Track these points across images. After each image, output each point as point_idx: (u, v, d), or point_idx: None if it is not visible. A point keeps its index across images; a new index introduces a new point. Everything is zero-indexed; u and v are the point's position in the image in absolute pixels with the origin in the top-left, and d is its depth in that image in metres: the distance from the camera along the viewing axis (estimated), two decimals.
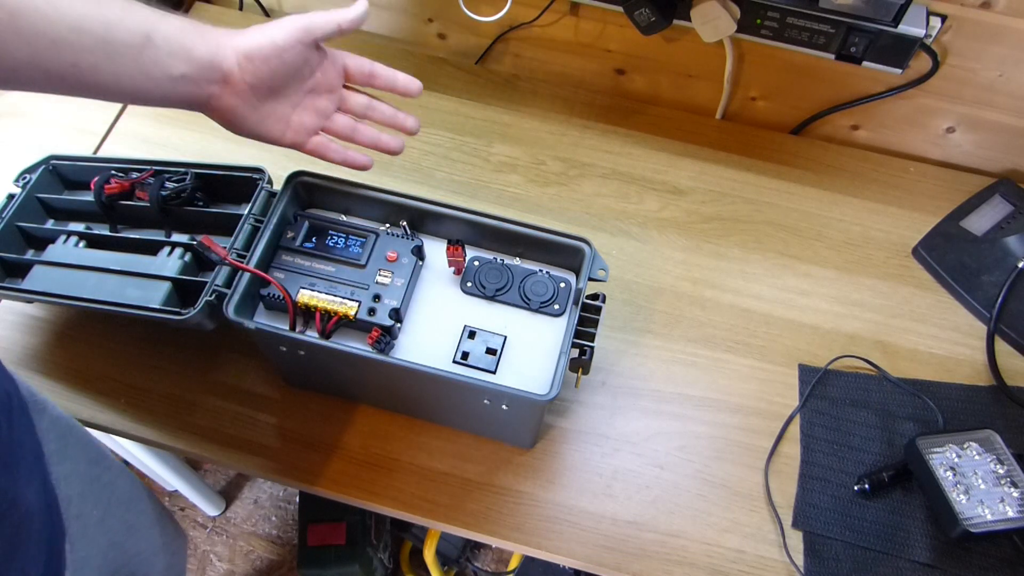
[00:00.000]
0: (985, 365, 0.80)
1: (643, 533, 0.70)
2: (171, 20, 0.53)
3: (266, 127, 0.61)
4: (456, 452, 0.73)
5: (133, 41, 0.51)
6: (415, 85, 0.65)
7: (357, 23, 0.61)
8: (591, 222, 0.88)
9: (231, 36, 0.56)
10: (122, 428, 0.74)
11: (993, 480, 0.67)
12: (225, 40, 0.55)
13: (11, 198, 0.75)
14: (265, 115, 0.60)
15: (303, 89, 0.61)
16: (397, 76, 0.64)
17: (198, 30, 0.54)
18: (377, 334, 0.62)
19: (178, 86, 0.54)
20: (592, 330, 0.63)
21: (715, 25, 0.81)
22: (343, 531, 1.13)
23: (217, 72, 0.56)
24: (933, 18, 0.79)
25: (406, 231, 0.68)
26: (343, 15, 0.59)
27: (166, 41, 0.52)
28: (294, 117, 0.62)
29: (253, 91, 0.58)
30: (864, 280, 0.85)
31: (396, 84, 0.64)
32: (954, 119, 0.91)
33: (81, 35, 0.48)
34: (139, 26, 0.51)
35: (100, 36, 0.49)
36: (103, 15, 0.49)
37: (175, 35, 0.53)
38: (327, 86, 0.63)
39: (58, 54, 0.48)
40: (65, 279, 0.70)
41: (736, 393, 0.77)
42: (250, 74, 0.56)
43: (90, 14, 0.48)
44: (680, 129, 0.96)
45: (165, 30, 0.52)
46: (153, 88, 0.54)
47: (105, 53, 0.50)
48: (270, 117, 0.61)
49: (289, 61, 0.57)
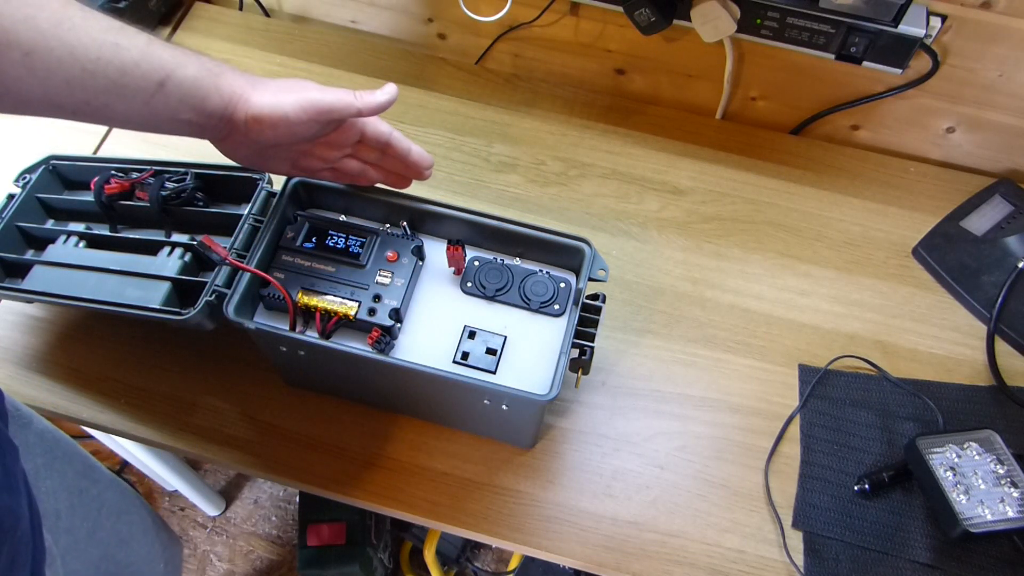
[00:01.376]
0: (985, 365, 0.80)
1: (643, 533, 0.70)
2: (189, 67, 0.52)
3: (270, 166, 0.63)
4: (456, 452, 0.73)
5: (147, 87, 0.50)
6: (426, 162, 0.65)
7: (380, 109, 0.59)
8: (591, 222, 0.88)
9: (245, 91, 0.55)
10: (122, 428, 0.74)
11: (993, 480, 0.67)
12: (239, 94, 0.55)
13: (11, 198, 0.75)
14: (269, 158, 0.61)
15: (313, 143, 0.62)
16: (411, 150, 0.64)
17: (214, 80, 0.53)
18: (377, 334, 0.62)
19: (184, 128, 0.55)
20: (592, 330, 0.63)
21: (715, 25, 0.81)
22: (343, 531, 1.13)
23: (224, 127, 0.56)
24: (933, 18, 0.79)
25: (406, 231, 0.68)
26: (365, 100, 0.58)
27: (179, 89, 0.52)
28: (301, 161, 0.63)
29: (258, 146, 0.58)
30: (864, 280, 0.85)
31: (409, 159, 0.64)
32: (954, 119, 0.91)
33: (96, 78, 0.48)
34: (156, 72, 0.50)
35: (114, 80, 0.49)
36: (120, 59, 0.49)
37: (190, 83, 0.52)
38: (340, 143, 0.63)
39: (71, 93, 0.48)
40: (65, 279, 0.70)
41: (736, 393, 0.77)
42: (256, 134, 0.56)
43: (106, 57, 0.48)
44: (680, 129, 0.96)
45: (181, 77, 0.52)
46: (161, 126, 0.54)
47: (118, 96, 0.50)
48: (274, 160, 0.62)
49: (297, 132, 0.57)
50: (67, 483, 0.67)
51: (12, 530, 0.47)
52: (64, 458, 0.68)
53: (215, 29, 1.01)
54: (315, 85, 0.57)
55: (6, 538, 0.46)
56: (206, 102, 0.53)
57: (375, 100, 0.58)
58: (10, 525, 0.46)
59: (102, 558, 0.70)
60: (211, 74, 0.53)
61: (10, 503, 0.47)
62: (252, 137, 0.56)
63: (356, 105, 0.57)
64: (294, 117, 0.55)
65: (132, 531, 0.77)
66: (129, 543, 0.76)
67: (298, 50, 1.00)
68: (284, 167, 0.63)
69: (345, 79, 0.97)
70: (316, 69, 0.98)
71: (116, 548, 0.73)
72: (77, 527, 0.67)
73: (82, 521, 0.68)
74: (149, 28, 0.99)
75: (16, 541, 0.47)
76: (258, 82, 0.56)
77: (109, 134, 0.92)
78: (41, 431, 0.66)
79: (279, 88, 0.56)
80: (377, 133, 0.63)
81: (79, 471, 0.69)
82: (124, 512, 0.75)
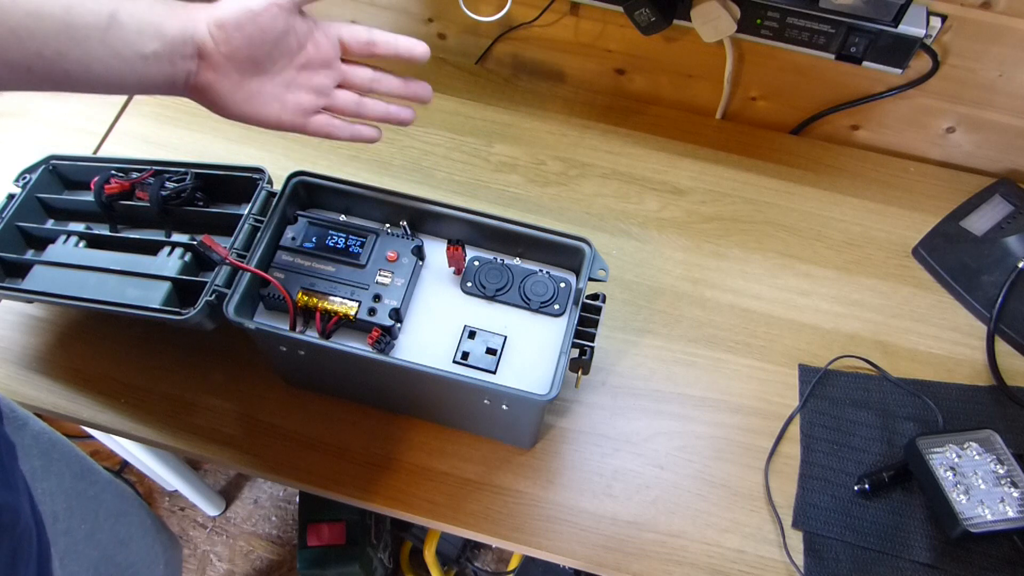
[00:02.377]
0: (985, 365, 0.80)
1: (643, 533, 0.70)
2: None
3: (256, 107, 0.57)
4: (456, 452, 0.73)
5: (97, 22, 0.48)
6: (420, 49, 0.60)
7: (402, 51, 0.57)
8: (591, 222, 0.88)
9: (203, 8, 0.52)
10: (122, 428, 0.74)
11: (993, 480, 0.67)
12: (197, 12, 0.52)
13: (11, 198, 0.75)
14: (253, 93, 0.56)
15: (293, 65, 0.57)
16: (399, 41, 0.59)
17: (168, 4, 0.51)
18: (377, 334, 0.62)
19: (151, 66, 0.51)
20: (592, 330, 0.63)
21: (715, 25, 0.81)
22: (343, 531, 1.13)
23: (190, 46, 0.52)
24: (933, 18, 0.79)
25: (406, 231, 0.68)
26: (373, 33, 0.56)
27: (133, 18, 0.49)
28: (289, 96, 0.57)
29: (233, 64, 0.53)
30: (864, 280, 0.85)
31: (399, 50, 0.60)
32: (954, 119, 0.91)
33: (41, 20, 0.46)
34: (102, 5, 0.48)
35: (61, 19, 0.46)
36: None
37: (142, 12, 0.50)
38: (321, 60, 0.58)
39: (20, 43, 0.45)
40: (65, 279, 0.70)
41: (736, 393, 0.77)
42: (224, 44, 0.52)
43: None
44: (680, 129, 0.96)
45: (131, 7, 0.49)
46: (126, 71, 0.50)
47: (69, 37, 0.47)
48: (259, 96, 0.56)
49: (266, 27, 0.53)
50: (65, 485, 0.67)
51: (12, 526, 0.46)
52: (61, 460, 0.68)
53: None
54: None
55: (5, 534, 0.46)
56: (164, 26, 0.50)
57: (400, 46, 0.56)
58: (9, 521, 0.46)
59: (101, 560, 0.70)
60: (159, 4, 0.51)
61: (8, 499, 0.47)
62: (223, 52, 0.53)
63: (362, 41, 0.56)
64: (257, 6, 0.52)
65: (131, 532, 0.76)
66: (128, 544, 0.75)
67: None
68: (274, 107, 0.57)
69: None
70: None
71: (115, 550, 0.73)
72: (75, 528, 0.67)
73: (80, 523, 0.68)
74: None
75: (17, 537, 0.47)
76: (213, 2, 0.53)
77: (109, 134, 0.92)
78: (37, 433, 0.66)
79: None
80: (355, 32, 0.59)
81: (76, 473, 0.69)
82: (123, 513, 0.75)
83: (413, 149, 0.92)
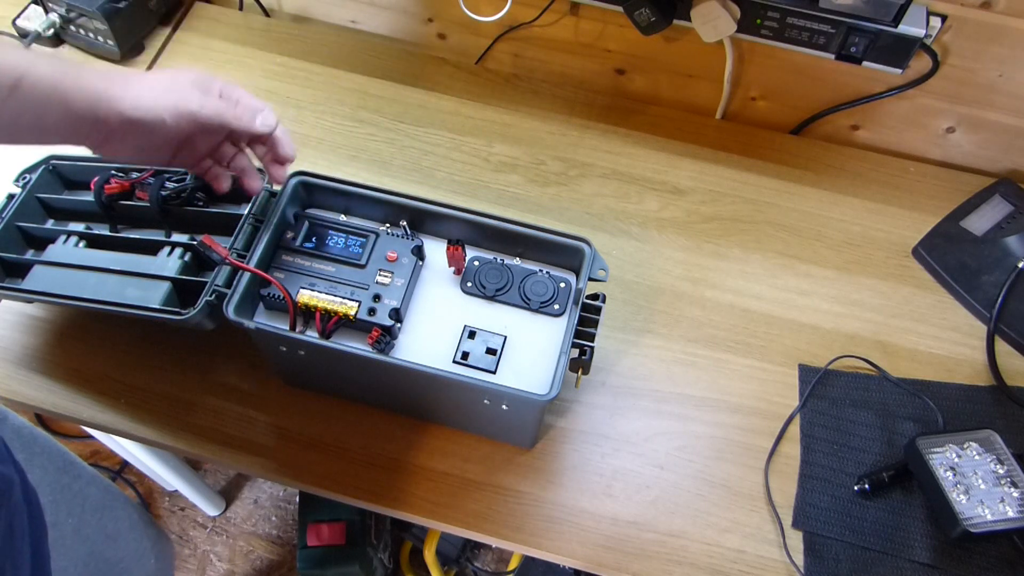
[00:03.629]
0: (985, 365, 0.80)
1: (643, 533, 0.70)
2: (42, 67, 0.49)
3: (147, 163, 0.62)
4: (456, 452, 0.73)
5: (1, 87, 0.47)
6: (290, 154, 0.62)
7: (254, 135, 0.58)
8: (591, 222, 0.88)
9: (112, 91, 0.51)
10: (122, 428, 0.74)
11: (993, 480, 0.67)
12: (106, 94, 0.51)
13: (11, 198, 0.75)
14: (147, 159, 0.60)
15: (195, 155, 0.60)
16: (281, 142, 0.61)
17: (74, 80, 0.50)
18: (377, 334, 0.62)
19: (54, 134, 0.52)
20: (592, 330, 0.63)
21: (715, 25, 0.81)
22: (343, 531, 1.13)
23: (97, 131, 0.52)
24: (933, 18, 0.79)
25: (406, 231, 0.68)
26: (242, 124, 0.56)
27: (35, 88, 0.48)
28: (181, 154, 0.60)
29: (136, 149, 0.56)
30: (864, 280, 0.85)
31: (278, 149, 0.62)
32: (954, 119, 0.91)
33: None
34: (7, 73, 0.47)
35: None
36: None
37: (46, 83, 0.49)
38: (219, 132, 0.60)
39: None
40: (65, 279, 0.70)
41: (736, 393, 0.77)
42: (132, 138, 0.54)
43: None
44: (680, 129, 0.96)
45: (35, 77, 0.48)
46: (26, 134, 0.51)
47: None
48: (153, 158, 0.60)
49: (176, 138, 0.55)
50: (48, 478, 0.67)
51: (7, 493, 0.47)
52: (43, 454, 0.68)
53: (215, 29, 1.01)
54: (195, 90, 0.54)
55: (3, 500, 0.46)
56: (69, 103, 0.50)
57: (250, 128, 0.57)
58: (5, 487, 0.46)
59: (90, 555, 0.70)
60: (67, 75, 0.50)
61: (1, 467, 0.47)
62: (129, 142, 0.54)
63: (232, 126, 0.56)
64: (171, 123, 0.53)
65: (119, 527, 0.76)
66: (116, 539, 0.75)
67: (298, 50, 1.00)
68: (164, 160, 0.60)
69: (345, 79, 0.97)
70: (316, 69, 0.98)
71: (103, 544, 0.73)
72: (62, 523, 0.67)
73: (67, 517, 0.68)
74: (149, 28, 1.00)
75: (12, 508, 0.47)
76: (129, 82, 0.52)
77: None
78: (18, 427, 0.66)
79: (155, 87, 0.53)
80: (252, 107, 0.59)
81: (59, 467, 0.69)
82: (108, 508, 0.75)
83: (413, 149, 0.92)
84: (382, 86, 0.97)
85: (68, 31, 0.97)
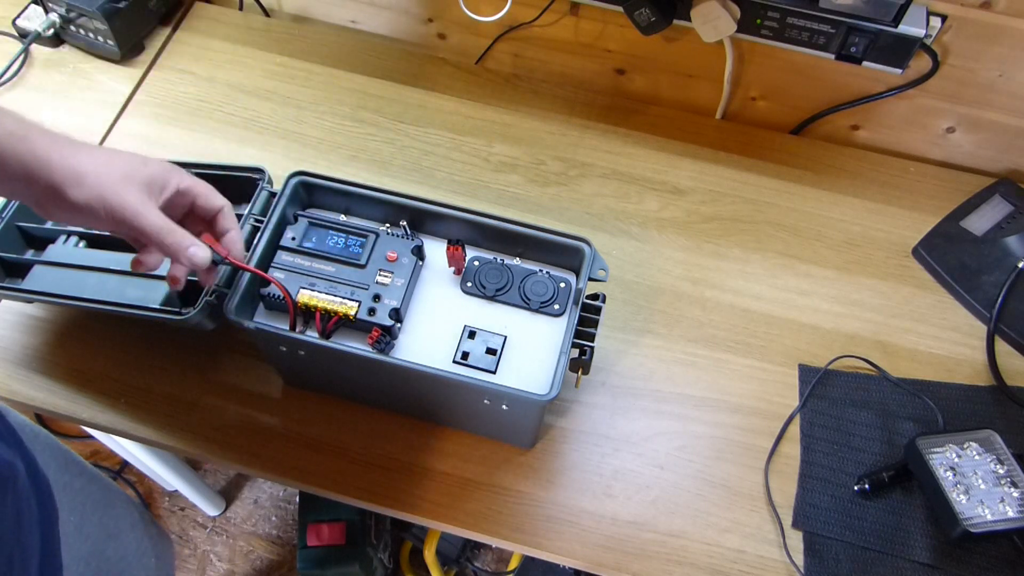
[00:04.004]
0: (985, 365, 0.80)
1: (643, 533, 0.70)
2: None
3: None
4: (456, 452, 0.73)
5: None
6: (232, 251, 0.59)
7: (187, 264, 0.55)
8: (591, 222, 0.88)
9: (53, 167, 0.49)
10: (122, 428, 0.74)
11: (993, 480, 0.67)
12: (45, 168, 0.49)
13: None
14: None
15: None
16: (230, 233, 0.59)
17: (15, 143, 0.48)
18: (377, 334, 0.62)
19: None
20: (592, 330, 0.63)
21: (715, 25, 0.81)
22: (343, 531, 1.13)
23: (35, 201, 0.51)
24: (933, 18, 0.79)
25: (406, 231, 0.68)
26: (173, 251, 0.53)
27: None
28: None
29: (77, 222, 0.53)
30: (864, 280, 0.85)
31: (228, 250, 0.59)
32: (954, 119, 0.91)
33: None
34: None
35: None
36: None
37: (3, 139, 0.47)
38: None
39: None
40: (65, 279, 0.70)
41: (736, 393, 0.77)
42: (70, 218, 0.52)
43: None
44: (680, 129, 0.96)
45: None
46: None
47: None
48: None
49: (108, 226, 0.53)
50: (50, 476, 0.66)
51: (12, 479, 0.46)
52: (45, 451, 0.68)
53: (215, 29, 1.01)
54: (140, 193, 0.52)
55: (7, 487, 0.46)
56: (6, 167, 0.48)
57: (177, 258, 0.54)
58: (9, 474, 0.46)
59: (92, 553, 0.70)
60: (13, 137, 0.48)
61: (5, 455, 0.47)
62: (67, 216, 0.52)
63: (163, 248, 0.54)
64: (104, 219, 0.51)
65: (120, 525, 0.76)
66: (118, 538, 0.75)
67: (298, 50, 1.00)
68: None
69: (345, 79, 0.97)
70: (316, 69, 0.98)
71: (105, 543, 0.73)
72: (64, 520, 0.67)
73: (68, 514, 0.68)
74: (149, 28, 1.00)
75: (18, 494, 0.47)
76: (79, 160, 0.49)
77: (110, 133, 0.92)
78: (20, 424, 0.66)
79: (101, 177, 0.50)
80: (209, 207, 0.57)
81: (61, 464, 0.69)
82: (110, 506, 0.75)
83: (413, 149, 0.92)
84: (382, 86, 0.97)
85: (68, 31, 0.97)
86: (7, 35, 0.98)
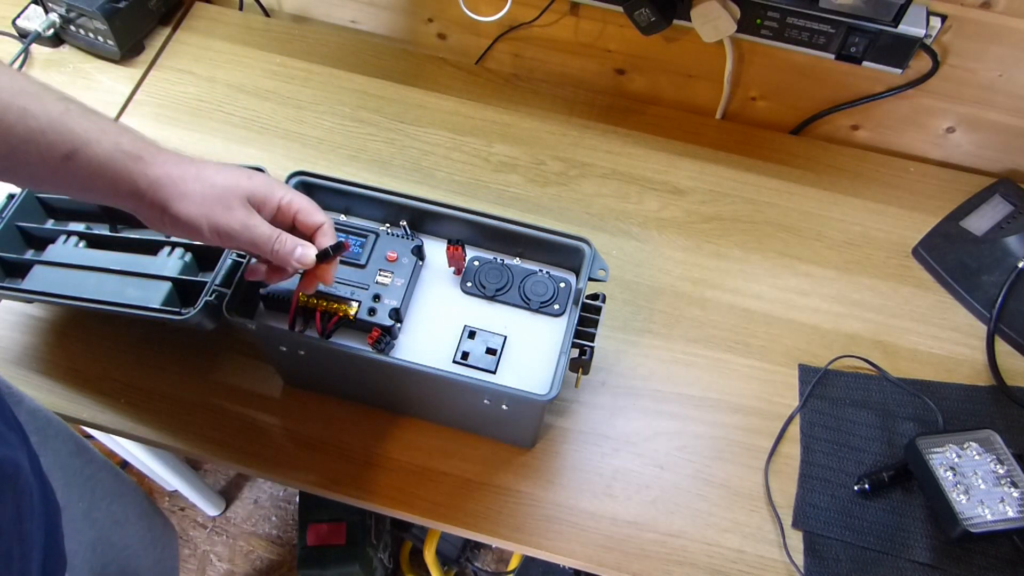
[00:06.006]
0: (985, 365, 0.80)
1: (643, 533, 0.70)
2: (103, 143, 0.48)
3: None
4: (456, 452, 0.73)
5: (52, 158, 0.47)
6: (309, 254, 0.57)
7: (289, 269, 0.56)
8: (591, 222, 0.88)
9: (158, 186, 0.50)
10: (122, 428, 0.74)
11: (993, 480, 0.67)
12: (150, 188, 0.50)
13: (11, 198, 0.75)
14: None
15: None
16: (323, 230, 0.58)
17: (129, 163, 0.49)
18: (377, 334, 0.62)
19: (102, 200, 0.51)
20: (592, 330, 0.63)
21: (715, 25, 0.81)
22: (343, 531, 1.13)
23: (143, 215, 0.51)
24: (933, 18, 0.79)
25: (406, 231, 0.68)
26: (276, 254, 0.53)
27: (88, 165, 0.48)
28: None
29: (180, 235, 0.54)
30: (864, 280, 0.85)
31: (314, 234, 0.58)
32: (954, 119, 0.91)
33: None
34: (62, 144, 0.47)
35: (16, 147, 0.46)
36: (26, 126, 0.46)
37: (99, 162, 0.48)
38: None
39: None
40: (65, 279, 0.70)
41: (736, 393, 0.77)
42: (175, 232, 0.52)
43: (9, 121, 0.45)
44: (680, 129, 0.96)
45: (90, 154, 0.48)
46: (76, 194, 0.51)
47: (22, 160, 0.47)
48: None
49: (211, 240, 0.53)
50: (61, 462, 0.67)
51: (13, 477, 0.46)
52: (58, 437, 0.68)
53: (215, 29, 1.01)
54: (242, 209, 0.52)
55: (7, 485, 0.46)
56: (117, 184, 0.49)
57: (284, 266, 0.55)
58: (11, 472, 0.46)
59: (98, 540, 0.70)
60: (127, 156, 0.49)
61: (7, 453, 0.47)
62: (170, 229, 0.52)
63: (268, 257, 0.54)
64: (208, 235, 0.51)
65: (127, 514, 0.76)
66: (124, 525, 0.76)
67: (298, 50, 1.00)
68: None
69: (345, 79, 0.97)
70: (316, 69, 0.98)
71: (111, 530, 0.73)
72: (73, 506, 0.67)
73: (77, 501, 0.68)
74: (149, 28, 1.00)
75: (19, 491, 0.47)
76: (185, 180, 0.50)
77: None
78: (33, 410, 0.66)
79: (205, 195, 0.51)
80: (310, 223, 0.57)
81: (72, 451, 0.70)
82: (119, 495, 0.75)
83: (413, 149, 0.92)
84: (382, 86, 0.97)
85: (68, 31, 0.97)
86: (7, 35, 0.98)
